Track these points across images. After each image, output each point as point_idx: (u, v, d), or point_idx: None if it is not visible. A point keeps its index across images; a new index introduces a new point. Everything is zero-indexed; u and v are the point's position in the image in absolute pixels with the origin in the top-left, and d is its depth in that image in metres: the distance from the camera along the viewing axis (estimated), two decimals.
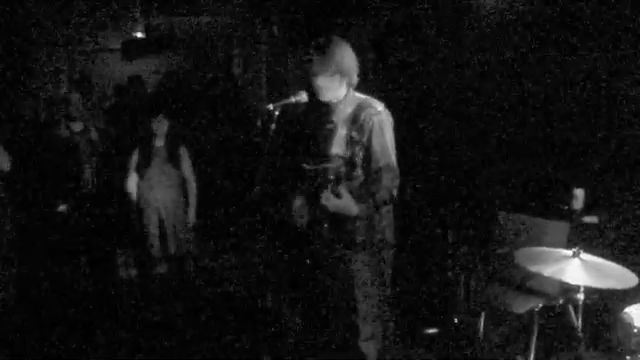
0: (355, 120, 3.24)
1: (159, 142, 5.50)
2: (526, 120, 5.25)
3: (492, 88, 5.54)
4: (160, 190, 5.51)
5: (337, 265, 3.42)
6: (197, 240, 5.97)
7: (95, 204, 5.58)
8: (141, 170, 5.46)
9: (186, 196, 5.66)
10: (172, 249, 5.57)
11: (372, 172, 3.22)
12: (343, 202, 3.11)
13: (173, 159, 5.52)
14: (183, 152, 5.62)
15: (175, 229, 5.58)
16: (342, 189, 3.10)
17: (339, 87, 3.30)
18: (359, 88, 3.40)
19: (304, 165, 3.44)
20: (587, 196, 4.61)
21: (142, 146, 5.49)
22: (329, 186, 3.13)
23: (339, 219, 3.24)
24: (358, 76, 3.36)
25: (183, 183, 5.63)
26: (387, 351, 3.49)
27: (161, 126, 5.47)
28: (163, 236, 5.58)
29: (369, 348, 3.39)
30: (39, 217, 5.52)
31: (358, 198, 3.16)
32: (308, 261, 3.57)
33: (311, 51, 3.25)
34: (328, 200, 3.11)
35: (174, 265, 5.67)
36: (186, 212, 5.64)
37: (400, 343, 4.59)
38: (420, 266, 5.27)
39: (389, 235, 3.40)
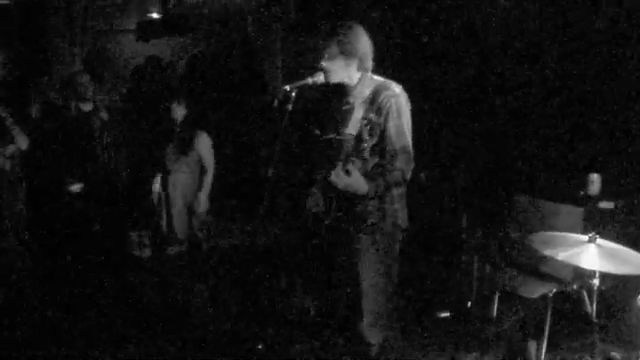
0: (373, 102, 3.22)
1: (176, 128, 5.49)
2: (544, 105, 5.22)
3: (509, 73, 5.50)
4: (174, 175, 5.49)
5: (345, 247, 3.40)
6: (214, 223, 5.98)
7: (108, 184, 5.59)
8: (158, 155, 5.45)
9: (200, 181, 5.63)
10: (181, 233, 5.56)
11: (387, 154, 3.20)
12: (353, 179, 3.06)
13: (189, 145, 5.49)
14: (201, 138, 5.56)
15: (188, 214, 5.56)
16: (352, 167, 3.08)
17: (348, 70, 3.28)
18: (376, 72, 3.38)
19: (316, 131, 3.42)
20: (603, 182, 4.59)
21: (160, 132, 5.49)
22: (339, 164, 3.10)
23: (348, 198, 3.22)
24: (373, 60, 3.34)
25: (200, 169, 5.60)
26: (392, 338, 3.47)
27: (178, 112, 5.45)
28: (174, 219, 5.58)
29: (372, 334, 3.36)
30: (53, 196, 5.55)
31: (369, 178, 3.13)
32: (318, 242, 3.56)
33: (323, 34, 3.24)
34: (338, 177, 3.07)
35: (187, 247, 5.68)
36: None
37: (411, 327, 4.60)
38: (434, 250, 5.27)
39: (401, 219, 3.37)
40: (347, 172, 3.07)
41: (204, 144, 5.56)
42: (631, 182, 4.54)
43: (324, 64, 3.25)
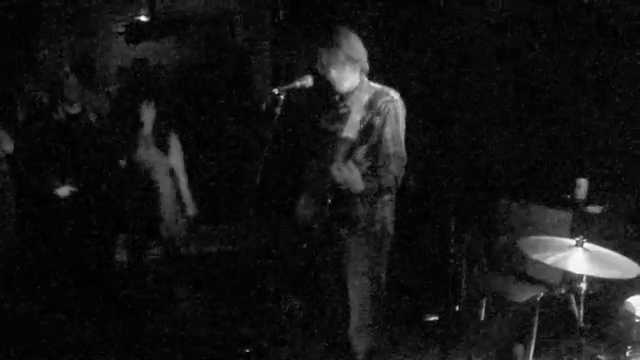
0: (371, 107, 3.26)
1: (146, 129, 5.38)
2: (531, 108, 5.24)
3: (496, 76, 5.52)
4: (155, 177, 5.40)
5: (335, 251, 3.41)
6: (196, 226, 5.95)
7: (96, 187, 5.55)
8: (128, 157, 5.35)
9: (176, 186, 5.49)
10: (164, 237, 5.51)
11: (381, 157, 3.23)
12: (352, 174, 3.08)
13: (160, 148, 5.42)
14: (173, 141, 5.44)
15: (162, 217, 5.49)
16: (351, 165, 3.09)
17: (353, 75, 3.32)
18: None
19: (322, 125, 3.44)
20: (590, 186, 4.61)
21: (130, 133, 5.39)
22: (340, 159, 3.15)
23: (342, 196, 3.22)
24: (368, 62, 3.36)
25: (172, 172, 5.45)
26: (379, 343, 3.48)
27: (148, 113, 5.34)
28: (158, 222, 5.51)
29: (359, 338, 3.39)
30: (40, 199, 5.51)
31: (364, 178, 3.15)
32: (306, 245, 3.55)
33: (319, 45, 3.26)
34: (339, 169, 3.08)
35: (172, 251, 5.63)
36: (177, 202, 5.55)
37: (399, 330, 4.61)
38: (422, 253, 5.27)
39: (389, 225, 3.40)
40: (347, 168, 3.09)
41: (177, 148, 5.45)
42: (618, 186, 4.56)
43: (333, 73, 3.27)
